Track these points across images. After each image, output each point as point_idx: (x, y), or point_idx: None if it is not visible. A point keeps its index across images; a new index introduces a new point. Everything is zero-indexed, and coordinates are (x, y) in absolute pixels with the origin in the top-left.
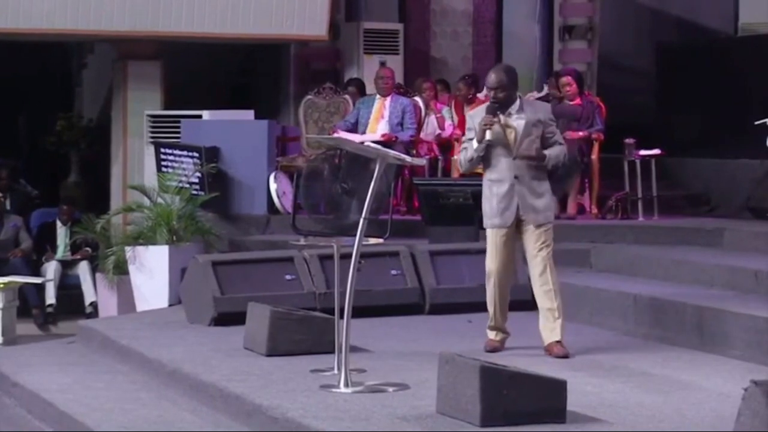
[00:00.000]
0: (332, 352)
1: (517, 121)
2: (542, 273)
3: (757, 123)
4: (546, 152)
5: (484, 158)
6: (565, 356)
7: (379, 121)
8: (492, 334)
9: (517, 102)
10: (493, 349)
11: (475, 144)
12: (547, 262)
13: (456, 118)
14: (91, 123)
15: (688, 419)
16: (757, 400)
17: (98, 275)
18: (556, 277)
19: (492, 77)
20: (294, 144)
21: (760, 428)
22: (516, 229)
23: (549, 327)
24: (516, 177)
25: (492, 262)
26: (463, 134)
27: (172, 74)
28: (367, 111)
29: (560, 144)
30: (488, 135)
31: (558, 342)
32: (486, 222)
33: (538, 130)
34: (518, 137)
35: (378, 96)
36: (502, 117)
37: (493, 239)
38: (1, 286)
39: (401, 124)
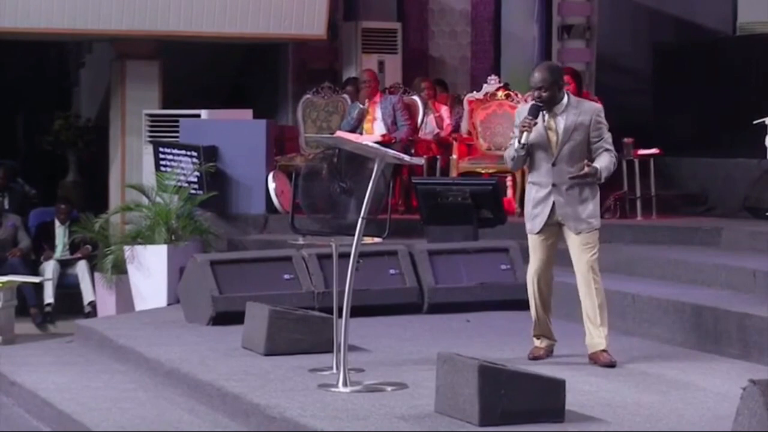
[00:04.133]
0: (330, 351)
1: (559, 124)
2: (585, 278)
3: (755, 122)
4: (597, 165)
5: (529, 158)
6: (611, 365)
7: (373, 122)
8: (537, 342)
9: (564, 101)
10: (535, 357)
11: (516, 143)
12: (591, 267)
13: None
14: (89, 122)
15: (685, 419)
16: (755, 399)
17: (96, 275)
18: (601, 283)
19: (536, 75)
20: (292, 143)
21: (758, 428)
22: (559, 231)
23: (592, 335)
24: (554, 185)
25: (530, 264)
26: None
27: (171, 74)
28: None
29: (607, 149)
30: (524, 138)
31: (603, 351)
32: (526, 224)
33: (580, 134)
34: (559, 141)
35: (366, 99)
36: (545, 118)
37: (530, 242)
38: (0, 285)
39: (396, 122)
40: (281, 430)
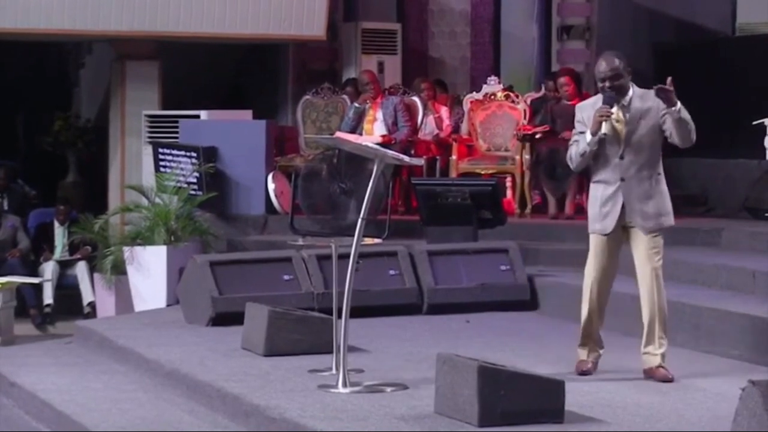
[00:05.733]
0: (330, 352)
1: (627, 114)
2: (649, 284)
3: (755, 123)
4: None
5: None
6: (669, 381)
7: (373, 123)
8: (583, 353)
9: (631, 92)
10: (584, 372)
11: (588, 137)
12: (656, 274)
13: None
14: (88, 123)
15: (685, 419)
16: (755, 400)
17: (96, 275)
18: (664, 292)
19: (603, 65)
20: (292, 144)
21: (757, 428)
22: (624, 234)
23: (648, 350)
24: (622, 179)
25: (591, 268)
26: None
27: (170, 74)
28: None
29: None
30: (604, 128)
31: (660, 366)
32: (589, 225)
33: (648, 121)
34: (626, 132)
35: (370, 101)
36: (616, 109)
37: (593, 244)
38: None
39: (396, 123)
40: (281, 430)
